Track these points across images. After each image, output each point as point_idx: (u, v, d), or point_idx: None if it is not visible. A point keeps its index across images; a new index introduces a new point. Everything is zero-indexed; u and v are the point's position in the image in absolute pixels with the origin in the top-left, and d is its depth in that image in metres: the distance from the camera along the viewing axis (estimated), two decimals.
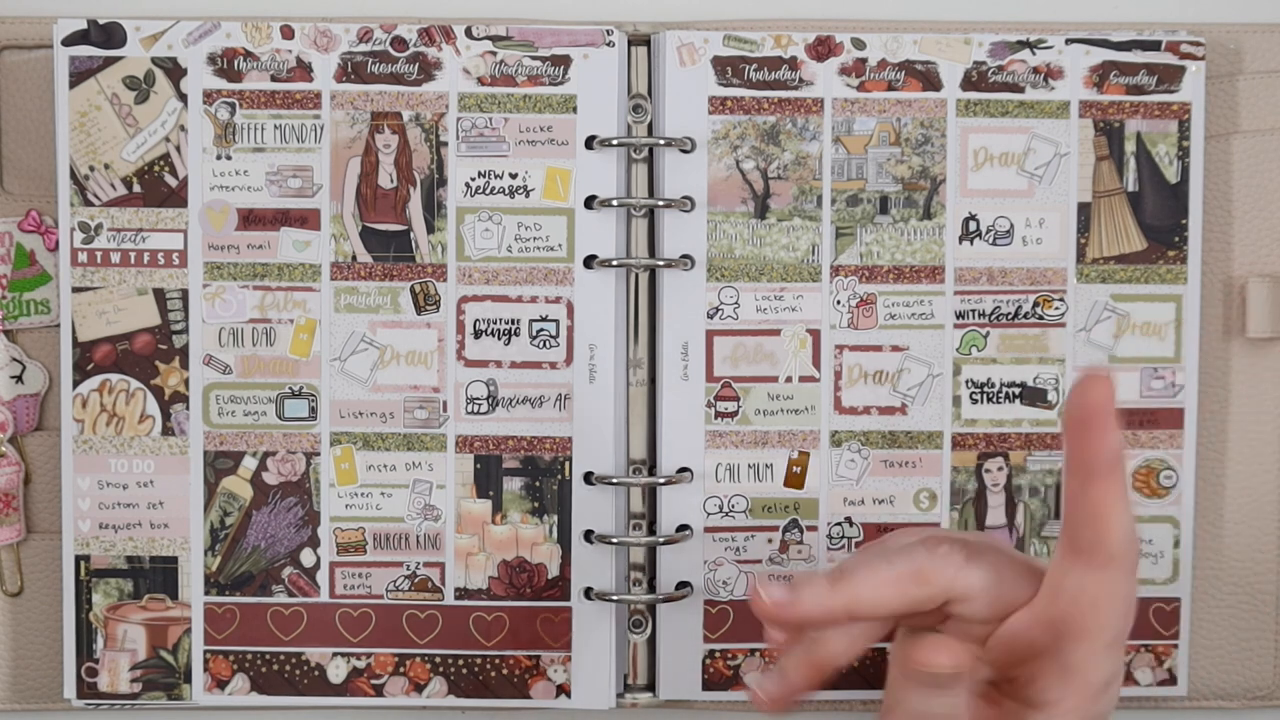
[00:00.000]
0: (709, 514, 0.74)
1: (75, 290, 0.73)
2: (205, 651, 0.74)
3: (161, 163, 0.73)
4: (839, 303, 0.74)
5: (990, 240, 0.74)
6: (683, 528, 0.74)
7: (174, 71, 0.73)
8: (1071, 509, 0.57)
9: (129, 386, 0.73)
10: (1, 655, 0.75)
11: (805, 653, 0.61)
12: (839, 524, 0.75)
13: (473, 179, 0.73)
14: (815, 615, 0.59)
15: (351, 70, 0.73)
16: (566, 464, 0.74)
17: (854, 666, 0.75)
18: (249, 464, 0.74)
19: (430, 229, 0.73)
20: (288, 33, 0.73)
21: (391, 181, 0.73)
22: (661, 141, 0.73)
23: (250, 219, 0.73)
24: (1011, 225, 0.74)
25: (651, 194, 0.74)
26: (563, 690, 0.74)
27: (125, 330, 0.73)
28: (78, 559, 0.74)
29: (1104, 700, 0.58)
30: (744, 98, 0.74)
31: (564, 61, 0.73)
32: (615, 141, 0.73)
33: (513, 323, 0.74)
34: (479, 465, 0.74)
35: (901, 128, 0.74)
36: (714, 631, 0.75)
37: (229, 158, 0.73)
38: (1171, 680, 0.75)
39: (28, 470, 0.75)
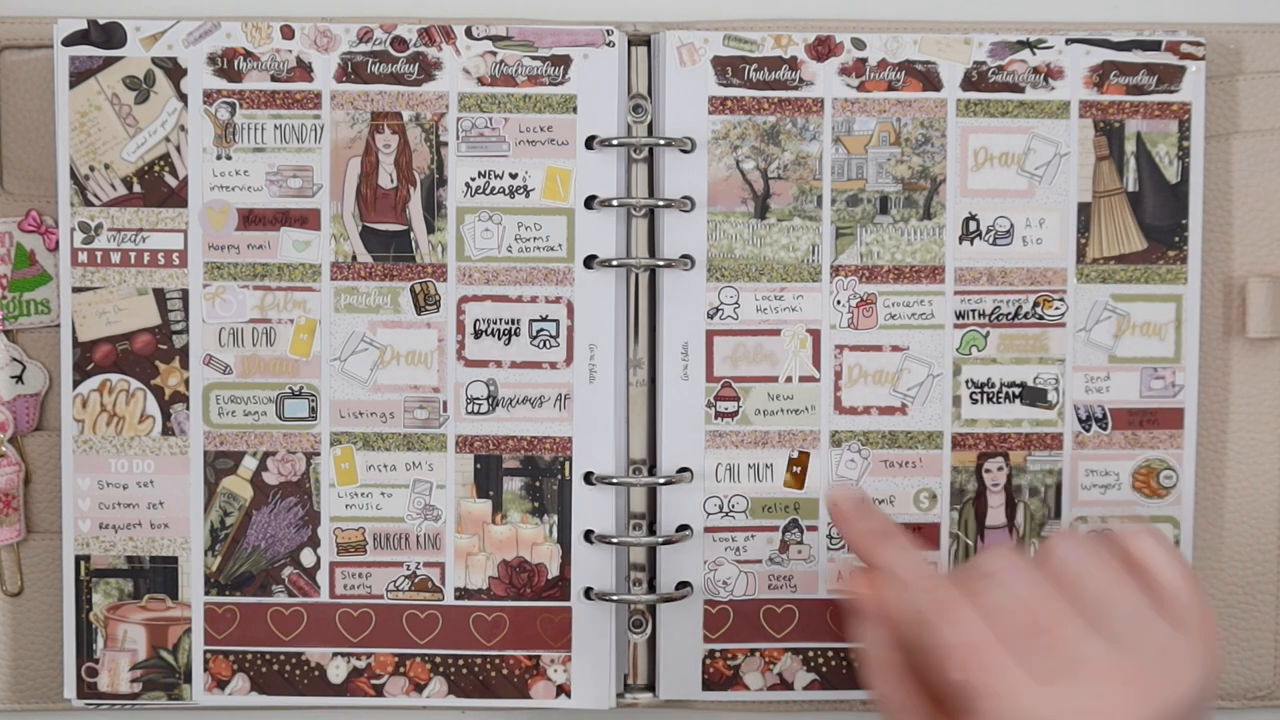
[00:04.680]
0: (709, 514, 0.74)
1: (75, 290, 0.73)
2: (205, 651, 0.74)
3: (161, 163, 0.73)
4: (839, 303, 0.74)
5: (990, 240, 0.74)
6: (683, 528, 0.74)
7: (174, 71, 0.73)
8: None
9: (129, 386, 0.73)
10: (1, 655, 0.75)
11: None
12: None
13: (473, 179, 0.73)
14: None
15: (351, 70, 0.73)
16: (566, 464, 0.74)
17: (855, 668, 0.75)
18: (249, 464, 0.74)
19: (430, 229, 0.73)
20: (288, 33, 0.73)
21: (391, 181, 0.73)
22: (661, 141, 0.73)
23: (250, 219, 0.73)
24: (1011, 225, 0.74)
25: (651, 194, 0.74)
26: (563, 690, 0.74)
27: (125, 330, 0.73)
28: (78, 559, 0.74)
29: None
30: (744, 98, 0.74)
31: (564, 61, 0.73)
32: (615, 141, 0.73)
33: (513, 323, 0.74)
34: (479, 465, 0.74)
35: (901, 128, 0.74)
36: (714, 631, 0.75)
37: (229, 158, 0.73)
38: None
39: (28, 470, 0.75)
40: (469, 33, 0.73)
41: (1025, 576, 0.60)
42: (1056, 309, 0.74)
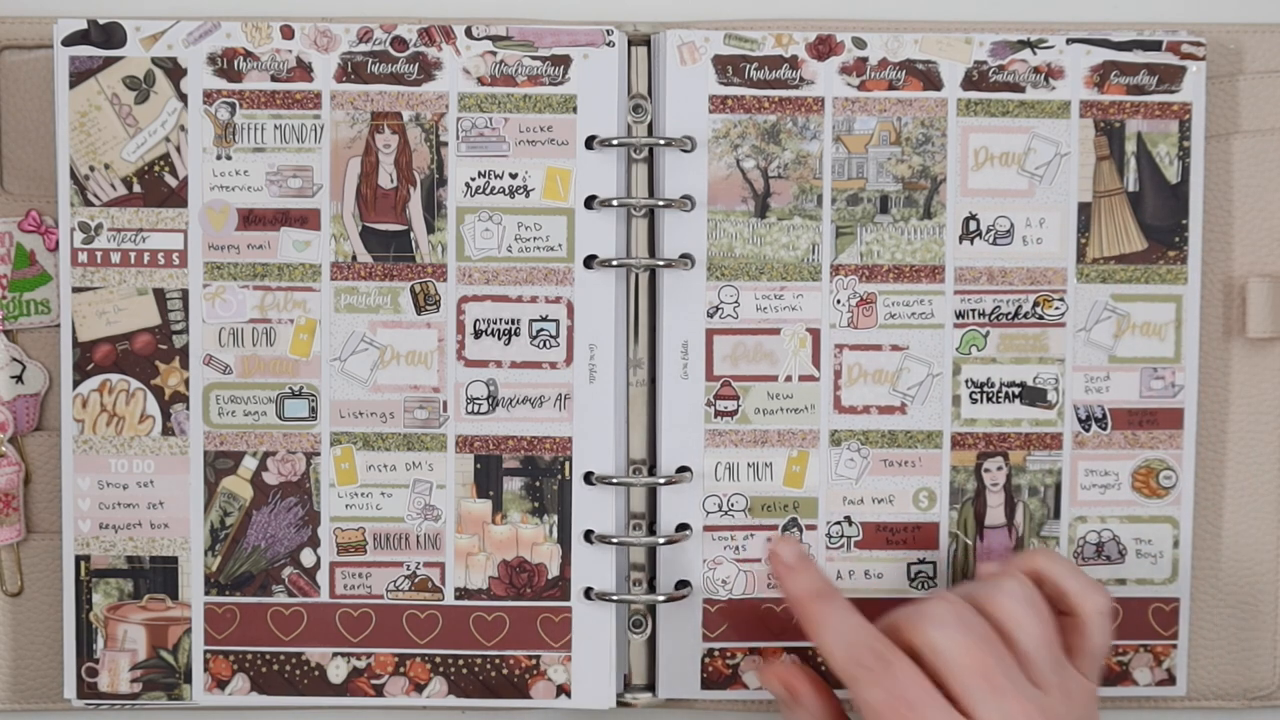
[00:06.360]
0: (708, 513, 0.74)
1: (75, 290, 0.73)
2: (205, 651, 0.74)
3: (161, 163, 0.73)
4: (839, 302, 0.74)
5: (990, 240, 0.74)
6: (682, 527, 0.74)
7: (174, 71, 0.73)
8: None
9: (129, 386, 0.73)
10: (1, 655, 0.75)
11: None
12: (838, 523, 0.75)
13: (473, 179, 0.73)
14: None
15: (351, 70, 0.73)
16: (566, 464, 0.74)
17: None
18: (249, 464, 0.74)
19: (430, 229, 0.73)
20: (288, 33, 0.73)
21: (391, 181, 0.73)
22: (661, 141, 0.73)
23: (250, 219, 0.73)
24: (1012, 225, 0.74)
25: (651, 194, 0.74)
26: (563, 690, 0.75)
27: (125, 330, 0.73)
28: (78, 559, 0.74)
29: None
30: (744, 97, 0.74)
31: (564, 61, 0.73)
32: (615, 141, 0.73)
33: (513, 323, 0.74)
34: (479, 465, 0.74)
35: (902, 127, 0.74)
36: (713, 630, 0.75)
37: (229, 158, 0.73)
38: (1170, 680, 0.75)
39: (28, 470, 0.75)
40: (469, 33, 0.73)
41: (970, 623, 0.66)
42: (1056, 309, 0.74)
